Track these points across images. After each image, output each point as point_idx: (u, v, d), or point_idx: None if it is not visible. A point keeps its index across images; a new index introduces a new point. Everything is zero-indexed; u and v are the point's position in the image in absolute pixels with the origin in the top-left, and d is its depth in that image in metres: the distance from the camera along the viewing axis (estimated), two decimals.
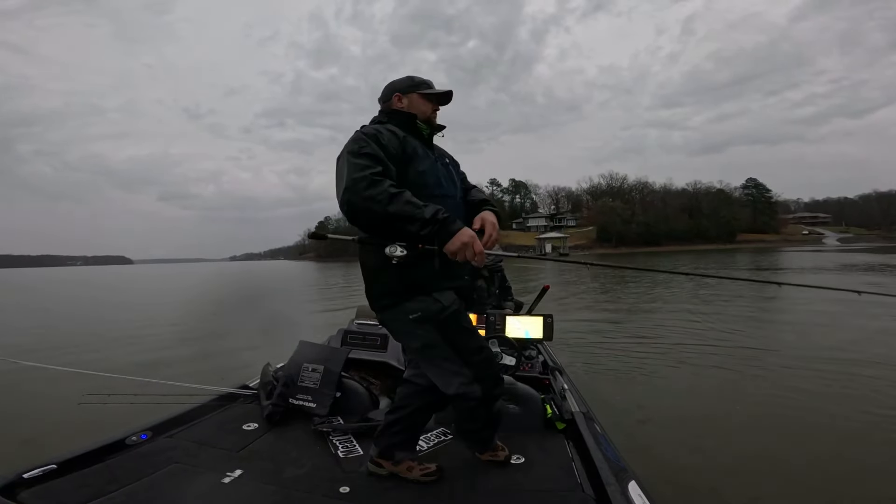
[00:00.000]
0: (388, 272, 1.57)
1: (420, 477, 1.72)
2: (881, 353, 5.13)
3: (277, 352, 2.87)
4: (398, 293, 1.61)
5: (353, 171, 1.46)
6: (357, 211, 1.45)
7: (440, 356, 1.64)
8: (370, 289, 1.67)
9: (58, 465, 1.59)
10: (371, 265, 1.64)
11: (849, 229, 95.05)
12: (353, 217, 1.47)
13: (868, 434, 3.10)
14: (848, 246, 58.94)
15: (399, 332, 1.71)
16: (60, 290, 23.94)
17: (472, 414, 1.74)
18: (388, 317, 1.67)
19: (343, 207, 1.46)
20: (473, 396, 1.64)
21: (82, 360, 5.55)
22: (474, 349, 1.69)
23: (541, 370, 2.93)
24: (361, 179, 1.43)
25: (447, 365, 1.64)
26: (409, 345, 1.72)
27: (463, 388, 1.62)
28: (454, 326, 1.65)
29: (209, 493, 1.58)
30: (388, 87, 1.79)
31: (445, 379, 1.64)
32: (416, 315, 1.59)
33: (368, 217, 1.45)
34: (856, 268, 18.78)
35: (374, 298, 1.67)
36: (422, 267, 1.56)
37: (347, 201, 1.44)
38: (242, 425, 2.16)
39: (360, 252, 1.66)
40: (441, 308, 1.61)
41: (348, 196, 1.44)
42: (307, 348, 2.54)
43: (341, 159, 1.54)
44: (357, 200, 1.43)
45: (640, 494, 1.46)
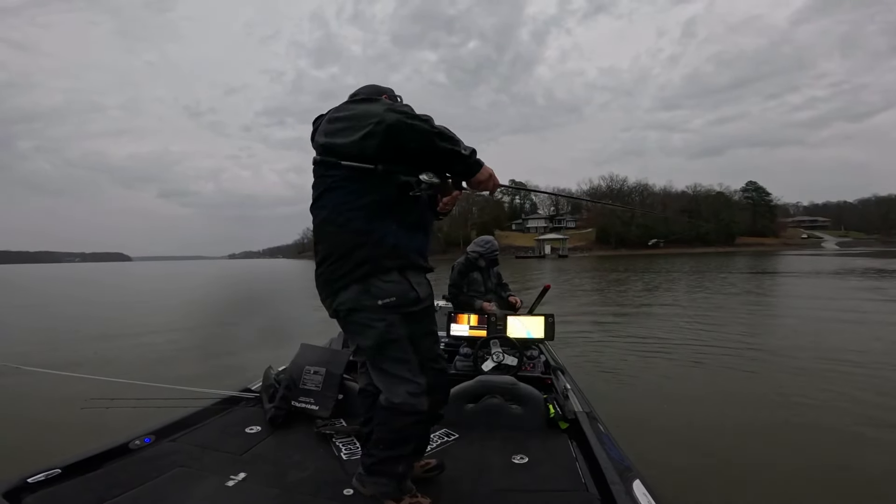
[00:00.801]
0: (373, 235, 1.46)
1: (421, 473, 1.70)
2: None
3: (279, 355, 2.87)
4: (374, 264, 1.45)
5: (387, 102, 1.46)
6: (402, 128, 1.35)
7: (397, 357, 1.48)
8: (345, 257, 1.46)
9: (62, 470, 1.59)
10: (357, 226, 1.46)
11: (848, 233, 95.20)
12: (397, 134, 1.35)
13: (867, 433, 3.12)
14: (847, 250, 59.03)
15: (357, 323, 1.49)
16: (56, 291, 23.84)
17: (405, 434, 1.50)
18: (351, 298, 1.46)
19: (379, 126, 1.34)
20: (419, 410, 1.47)
21: (84, 365, 5.54)
22: (433, 357, 1.59)
23: (543, 370, 2.94)
24: (402, 104, 1.42)
25: (400, 368, 1.48)
26: (365, 339, 1.48)
27: (411, 399, 1.46)
28: (422, 326, 1.55)
29: (213, 496, 1.58)
30: (377, 87, 1.71)
31: (392, 384, 1.48)
32: (387, 300, 1.45)
33: (415, 135, 1.36)
34: (854, 272, 18.81)
35: (345, 271, 1.46)
36: (411, 233, 1.53)
37: (394, 119, 1.34)
38: (245, 428, 2.16)
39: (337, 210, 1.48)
40: (416, 299, 1.52)
41: (393, 115, 1.35)
42: (309, 351, 2.54)
43: (361, 104, 1.48)
44: (402, 118, 1.35)
45: (645, 494, 1.45)
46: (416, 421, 1.49)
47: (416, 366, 1.50)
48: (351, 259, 1.46)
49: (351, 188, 1.47)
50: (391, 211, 1.50)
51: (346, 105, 1.53)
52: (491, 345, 2.83)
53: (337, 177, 1.48)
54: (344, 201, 1.48)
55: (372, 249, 1.46)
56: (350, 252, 1.46)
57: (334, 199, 1.50)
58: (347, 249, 1.47)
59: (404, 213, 1.52)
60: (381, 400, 1.51)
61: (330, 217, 1.50)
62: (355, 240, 1.46)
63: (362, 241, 1.46)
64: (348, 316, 1.49)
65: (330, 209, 1.50)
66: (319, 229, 1.55)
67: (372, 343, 1.47)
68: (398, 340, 1.48)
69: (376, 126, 1.35)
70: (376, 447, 1.51)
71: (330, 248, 1.50)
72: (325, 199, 1.52)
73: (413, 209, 1.54)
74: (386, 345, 1.47)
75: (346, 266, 1.46)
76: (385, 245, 1.47)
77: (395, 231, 1.49)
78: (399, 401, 1.46)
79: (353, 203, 1.47)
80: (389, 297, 1.46)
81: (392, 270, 1.48)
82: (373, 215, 1.47)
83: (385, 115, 1.35)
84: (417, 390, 1.47)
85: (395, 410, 1.46)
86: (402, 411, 1.46)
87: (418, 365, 1.51)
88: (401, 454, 1.50)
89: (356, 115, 1.42)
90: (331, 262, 1.49)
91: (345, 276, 1.47)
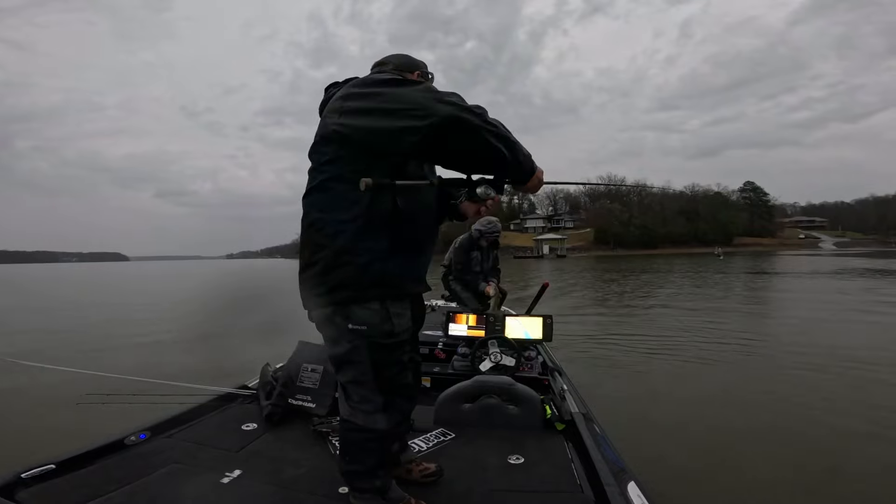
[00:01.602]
0: (360, 257, 1.29)
1: (420, 478, 1.69)
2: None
3: (277, 352, 2.86)
4: (354, 291, 1.30)
5: (429, 87, 1.21)
6: (454, 125, 1.12)
7: (353, 378, 1.37)
8: (325, 275, 1.30)
9: (56, 466, 1.58)
10: (343, 242, 1.29)
11: (845, 234, 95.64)
12: (447, 132, 1.13)
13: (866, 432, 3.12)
14: (844, 250, 59.30)
15: (325, 335, 1.40)
16: (52, 291, 23.78)
17: (362, 448, 1.40)
18: (323, 312, 1.35)
19: (425, 120, 1.12)
20: (371, 429, 1.36)
21: (80, 361, 5.53)
22: (397, 387, 1.42)
23: (540, 371, 2.94)
24: (449, 92, 1.17)
25: (356, 388, 1.37)
26: (329, 351, 1.40)
27: (362, 417, 1.36)
28: (391, 356, 1.37)
29: (208, 493, 1.57)
30: (409, 60, 1.54)
31: (348, 400, 1.39)
32: (357, 326, 1.31)
33: (467, 135, 1.14)
34: (852, 273, 18.88)
35: (322, 290, 1.31)
36: (406, 255, 1.37)
37: (446, 113, 1.11)
38: (241, 425, 2.15)
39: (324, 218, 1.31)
40: (389, 332, 1.34)
41: (445, 108, 1.12)
42: (306, 348, 2.53)
43: (401, 87, 1.21)
44: (455, 111, 1.12)
45: (639, 495, 1.45)
46: (370, 438, 1.38)
47: (374, 387, 1.36)
48: (330, 278, 1.30)
49: (346, 191, 1.28)
50: (388, 226, 1.31)
51: (375, 82, 1.26)
52: (489, 345, 2.83)
53: (332, 174, 1.30)
54: (335, 207, 1.30)
55: (355, 274, 1.29)
56: (330, 270, 1.30)
57: (324, 201, 1.32)
58: (327, 267, 1.30)
59: (403, 230, 1.33)
60: (340, 410, 1.44)
61: (317, 224, 1.33)
62: (339, 258, 1.29)
63: (346, 262, 1.29)
64: (319, 326, 1.40)
65: (318, 213, 1.33)
66: (306, 232, 1.38)
67: (335, 358, 1.39)
68: (359, 363, 1.34)
69: (421, 120, 1.13)
70: (343, 458, 1.45)
71: (312, 258, 1.34)
72: (315, 198, 1.35)
73: (416, 224, 1.37)
74: (345, 364, 1.36)
75: (325, 286, 1.31)
76: (371, 272, 1.29)
77: (387, 254, 1.31)
78: (352, 416, 1.38)
79: (344, 212, 1.29)
80: (360, 324, 1.31)
81: (374, 300, 1.32)
82: (364, 230, 1.29)
83: (434, 108, 1.12)
84: (371, 409, 1.36)
85: (350, 424, 1.39)
86: (356, 427, 1.38)
87: (376, 387, 1.36)
88: (363, 469, 1.41)
89: (393, 97, 1.18)
90: (311, 275, 1.34)
91: (321, 296, 1.32)
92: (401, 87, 1.21)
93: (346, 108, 1.26)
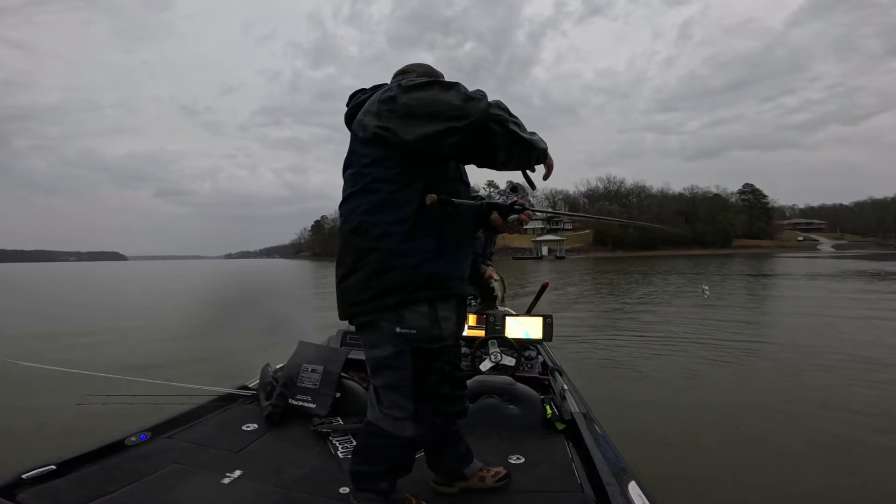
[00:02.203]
0: (409, 258, 1.29)
1: (494, 483, 1.64)
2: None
3: (277, 352, 2.86)
4: (405, 295, 1.29)
5: (460, 87, 1.21)
6: (494, 124, 1.15)
7: (390, 383, 1.36)
8: (372, 279, 1.30)
9: (57, 466, 1.58)
10: (392, 244, 1.29)
11: (844, 236, 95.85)
12: (487, 131, 1.16)
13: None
14: (843, 253, 59.43)
15: (367, 339, 1.38)
16: (50, 290, 23.72)
17: (380, 452, 1.40)
18: (373, 319, 1.33)
19: (465, 121, 1.15)
20: (398, 436, 1.36)
21: (80, 361, 5.51)
22: (436, 396, 1.40)
23: (540, 371, 2.93)
24: (476, 91, 1.20)
25: (390, 393, 1.36)
26: (368, 353, 1.39)
27: (391, 423, 1.35)
28: (433, 364, 1.36)
29: (208, 493, 1.57)
30: (432, 69, 1.59)
31: (380, 403, 1.38)
32: (406, 330, 1.29)
33: (504, 133, 1.17)
34: (851, 275, 18.91)
35: (370, 295, 1.30)
36: (453, 256, 1.37)
37: (484, 113, 1.15)
38: (242, 426, 2.15)
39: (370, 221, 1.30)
40: (437, 336, 1.33)
41: (482, 108, 1.15)
42: (306, 349, 2.53)
43: (431, 89, 1.23)
44: (495, 110, 1.16)
45: (640, 495, 1.45)
46: (394, 444, 1.38)
47: (409, 394, 1.35)
48: (379, 282, 1.29)
49: (393, 192, 1.28)
50: (435, 226, 1.31)
51: (413, 87, 1.27)
52: (489, 345, 2.83)
53: (377, 175, 1.29)
54: (383, 209, 1.30)
55: (405, 276, 1.29)
56: (380, 273, 1.29)
57: (371, 204, 1.31)
58: (376, 271, 1.29)
59: (449, 231, 1.35)
60: (367, 413, 1.43)
61: (361, 228, 1.31)
62: (389, 261, 1.28)
63: (396, 264, 1.29)
64: (362, 330, 1.39)
65: (362, 217, 1.32)
66: (348, 237, 1.35)
67: (373, 361, 1.38)
68: (399, 369, 1.33)
69: (459, 121, 1.15)
70: (356, 456, 1.46)
71: (357, 263, 1.32)
72: (357, 202, 1.33)
73: (459, 225, 1.38)
74: (384, 368, 1.35)
75: (373, 290, 1.30)
76: (422, 273, 1.30)
77: (436, 254, 1.32)
78: (379, 420, 1.37)
79: (392, 213, 1.29)
80: (410, 328, 1.29)
81: (423, 302, 1.31)
82: (413, 232, 1.29)
83: (472, 108, 1.15)
84: (401, 415, 1.35)
85: (375, 428, 1.38)
86: (381, 432, 1.37)
87: (411, 394, 1.35)
88: (375, 471, 1.40)
89: (429, 102, 1.20)
90: (356, 281, 1.32)
91: (370, 301, 1.31)
92: (430, 90, 1.22)
93: (381, 111, 1.28)
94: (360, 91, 1.48)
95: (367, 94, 1.42)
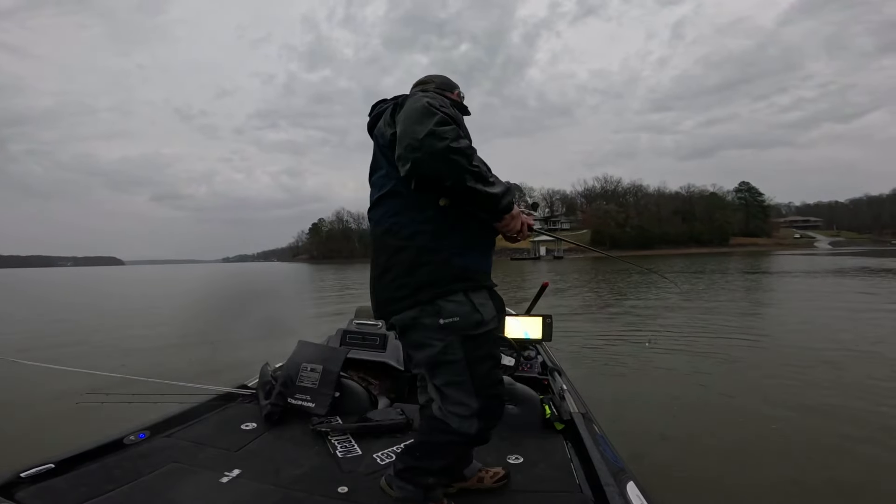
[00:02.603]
0: (440, 254, 1.36)
1: (493, 484, 1.66)
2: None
3: (276, 352, 2.86)
4: (440, 287, 1.35)
5: (438, 121, 1.25)
6: (437, 160, 1.21)
7: (450, 380, 1.39)
8: (407, 276, 1.37)
9: (55, 465, 1.58)
10: (423, 242, 1.36)
11: (840, 233, 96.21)
12: (429, 166, 1.22)
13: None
14: (839, 250, 59.60)
15: (414, 340, 1.42)
16: (49, 295, 23.61)
17: (442, 450, 1.44)
18: (410, 315, 1.38)
19: (415, 154, 1.22)
20: (463, 433, 1.39)
21: (80, 361, 5.50)
22: (491, 383, 1.43)
23: (540, 371, 2.93)
24: (449, 129, 1.24)
25: (453, 390, 1.39)
26: (420, 356, 1.42)
27: (458, 421, 1.39)
28: (482, 349, 1.40)
29: (207, 492, 1.57)
30: (448, 81, 1.67)
31: (444, 401, 1.41)
32: (449, 320, 1.34)
33: (450, 170, 1.22)
34: (850, 271, 18.98)
35: (407, 292, 1.37)
36: (479, 251, 1.43)
37: (429, 146, 1.21)
38: (241, 425, 2.14)
39: (400, 221, 1.39)
40: (479, 322, 1.37)
41: (431, 141, 1.21)
42: (306, 348, 2.53)
43: (415, 108, 1.30)
44: (440, 148, 1.20)
45: (638, 495, 1.45)
46: (459, 442, 1.42)
47: (471, 388, 1.38)
48: (414, 278, 1.36)
49: (417, 195, 1.34)
50: (460, 225, 1.39)
51: (400, 104, 1.39)
52: None
53: (399, 179, 1.35)
54: (411, 209, 1.38)
55: (439, 270, 1.36)
56: (414, 270, 1.36)
57: (399, 205, 1.40)
58: (410, 268, 1.37)
59: (471, 228, 1.43)
60: (433, 409, 1.45)
61: (393, 228, 1.40)
62: (420, 258, 1.36)
63: (427, 260, 1.36)
64: (405, 331, 1.43)
65: (393, 218, 1.40)
66: (381, 238, 1.44)
67: (427, 362, 1.41)
68: (454, 362, 1.37)
69: (410, 151, 1.23)
70: (411, 453, 1.48)
71: (390, 263, 1.40)
72: (389, 204, 1.42)
73: (481, 224, 1.45)
74: (440, 365, 1.39)
75: (409, 287, 1.36)
76: (453, 266, 1.37)
77: (463, 249, 1.39)
78: (446, 418, 1.40)
79: (420, 213, 1.37)
80: (452, 316, 1.35)
81: (458, 292, 1.37)
82: (440, 229, 1.37)
83: (422, 141, 1.21)
84: (467, 413, 1.38)
85: (442, 425, 1.41)
86: (447, 429, 1.40)
87: (473, 388, 1.38)
88: (430, 467, 1.44)
89: (403, 122, 1.30)
90: (391, 279, 1.40)
91: (407, 298, 1.37)
92: (414, 114, 1.29)
93: (391, 122, 1.40)
94: (381, 101, 1.55)
95: (388, 105, 1.48)
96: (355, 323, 3.09)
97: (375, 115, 1.54)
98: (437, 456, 1.44)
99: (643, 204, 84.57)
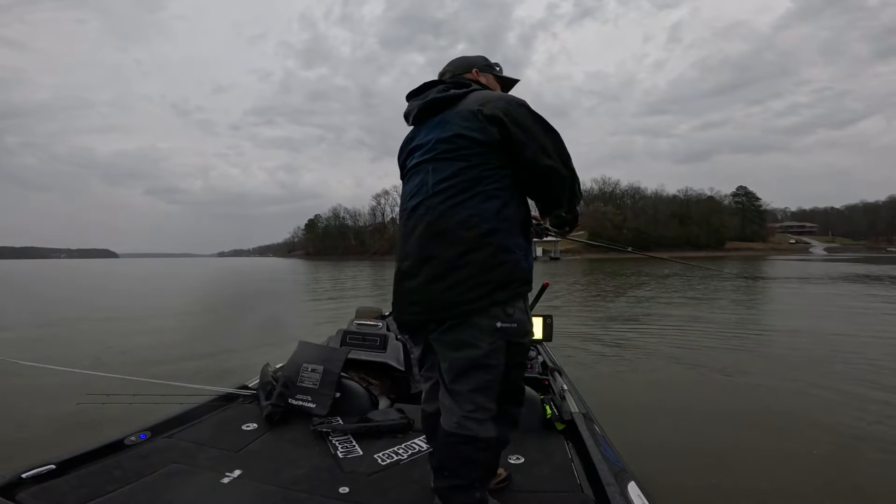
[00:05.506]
0: (514, 254, 1.30)
1: (493, 486, 1.62)
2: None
3: (276, 352, 2.85)
4: (515, 290, 1.30)
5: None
6: (577, 190, 1.44)
7: (481, 385, 1.28)
8: (480, 276, 1.25)
9: (56, 465, 1.57)
10: (502, 239, 1.28)
11: (835, 239, 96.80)
12: (575, 196, 1.44)
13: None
14: (834, 256, 59.98)
15: (457, 338, 1.29)
16: (43, 288, 23.45)
17: (471, 459, 1.31)
18: (470, 317, 1.26)
19: (574, 186, 1.42)
20: (482, 437, 1.28)
21: (80, 361, 5.47)
22: (517, 388, 1.40)
23: (540, 371, 2.94)
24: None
25: (477, 394, 1.29)
26: (457, 355, 1.29)
27: (474, 426, 1.28)
28: (519, 358, 1.36)
29: (208, 493, 1.56)
30: (465, 60, 1.60)
31: (462, 407, 1.29)
32: (506, 324, 1.27)
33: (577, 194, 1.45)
34: (846, 278, 19.09)
35: (479, 293, 1.25)
36: (531, 253, 1.41)
37: (579, 183, 1.45)
38: (241, 425, 2.14)
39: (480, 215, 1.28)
40: (528, 330, 1.35)
41: (577, 177, 1.43)
42: (306, 349, 2.53)
43: (562, 141, 1.41)
44: (579, 182, 1.45)
45: (639, 495, 1.46)
46: (480, 449, 1.31)
47: (493, 395, 1.30)
48: (489, 278, 1.26)
49: (495, 190, 1.31)
50: (525, 225, 1.39)
51: (545, 122, 1.42)
52: None
53: (476, 175, 1.31)
54: (489, 203, 1.29)
55: (513, 271, 1.29)
56: (490, 269, 1.26)
57: (479, 199, 1.29)
58: (487, 265, 1.26)
59: (529, 229, 1.43)
60: (443, 424, 1.33)
61: (470, 221, 1.27)
62: (498, 256, 1.27)
63: (503, 260, 1.28)
64: (451, 328, 1.29)
65: (470, 212, 1.28)
66: (453, 231, 1.28)
67: (463, 364, 1.28)
68: (493, 367, 1.28)
69: (578, 190, 1.47)
70: (440, 474, 1.35)
71: (462, 259, 1.26)
72: (464, 197, 1.29)
73: (532, 225, 1.47)
74: (477, 368, 1.27)
75: (484, 286, 1.25)
76: (523, 269, 1.32)
77: (527, 252, 1.36)
78: (461, 427, 1.29)
79: (502, 211, 1.30)
80: (511, 322, 1.27)
81: (522, 297, 1.33)
82: (514, 230, 1.33)
83: (575, 176, 1.45)
84: (485, 417, 1.29)
85: (458, 438, 1.29)
86: (467, 438, 1.29)
87: (494, 394, 1.31)
88: (467, 482, 1.31)
89: (564, 160, 1.43)
90: (465, 277, 1.26)
91: (483, 298, 1.25)
92: (564, 152, 1.42)
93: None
94: (436, 83, 1.52)
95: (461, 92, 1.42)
96: (355, 323, 3.09)
97: (439, 99, 1.42)
98: (464, 470, 1.32)
99: (640, 206, 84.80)
